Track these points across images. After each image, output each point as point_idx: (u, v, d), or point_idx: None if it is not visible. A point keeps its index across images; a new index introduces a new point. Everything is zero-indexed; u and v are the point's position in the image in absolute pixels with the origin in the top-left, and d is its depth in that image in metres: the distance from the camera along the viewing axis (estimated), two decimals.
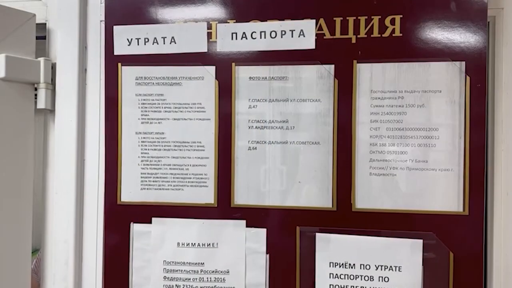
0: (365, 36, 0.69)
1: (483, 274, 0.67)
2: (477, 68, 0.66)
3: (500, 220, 0.67)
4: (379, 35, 0.69)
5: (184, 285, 0.73)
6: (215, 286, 0.73)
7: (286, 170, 0.72)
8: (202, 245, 0.73)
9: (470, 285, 0.67)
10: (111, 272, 0.75)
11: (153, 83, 0.75)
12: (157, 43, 0.75)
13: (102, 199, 0.76)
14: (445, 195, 0.67)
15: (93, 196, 0.76)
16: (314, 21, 0.70)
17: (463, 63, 0.67)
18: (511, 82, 0.67)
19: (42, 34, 0.78)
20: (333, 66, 0.70)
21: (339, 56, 0.70)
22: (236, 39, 0.73)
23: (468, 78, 0.67)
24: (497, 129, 0.68)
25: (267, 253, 0.72)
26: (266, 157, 0.72)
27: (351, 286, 0.69)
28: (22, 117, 0.74)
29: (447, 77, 0.67)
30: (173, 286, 0.74)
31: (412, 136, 0.68)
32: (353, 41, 0.69)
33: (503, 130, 0.67)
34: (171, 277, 0.74)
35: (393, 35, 0.68)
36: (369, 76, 0.69)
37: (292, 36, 0.71)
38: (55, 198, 0.77)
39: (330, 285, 0.70)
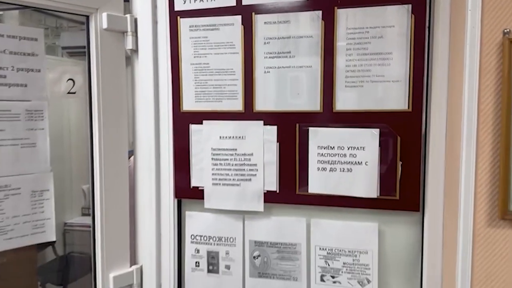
0: None
1: (420, 150, 0.99)
2: (420, 9, 0.95)
3: (435, 115, 0.97)
4: None
5: (224, 162, 1.12)
6: (244, 163, 1.11)
7: (289, 86, 1.06)
8: (235, 137, 1.11)
9: (411, 157, 0.99)
10: (179, 156, 1.15)
11: (200, 29, 1.10)
12: (202, 1, 1.09)
13: (171, 108, 1.15)
14: (396, 98, 0.99)
15: (165, 106, 1.15)
16: None
17: (410, 5, 0.96)
18: (444, 19, 0.95)
19: None
20: (321, 11, 1.01)
21: (325, 4, 1.01)
22: None
23: (413, 16, 0.96)
24: (436, 51, 0.96)
25: (277, 142, 1.08)
26: (276, 78, 1.06)
27: (332, 161, 1.04)
28: (117, 53, 1.14)
29: (398, 16, 0.97)
30: (217, 163, 1.13)
31: (374, 58, 0.99)
32: None
33: (439, 51, 0.96)
34: (216, 158, 1.13)
35: None
36: (345, 17, 1.00)
37: None
38: (141, 108, 1.17)
39: (318, 160, 1.05)
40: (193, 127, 1.14)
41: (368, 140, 1.01)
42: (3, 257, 1.09)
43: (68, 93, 1.26)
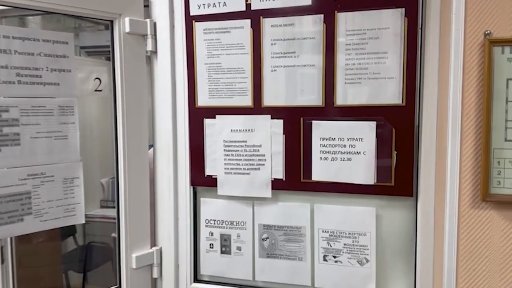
0: None
1: (413, 141, 1.08)
2: (412, 12, 1.04)
3: (427, 109, 1.07)
4: None
5: (235, 153, 1.23)
6: (253, 154, 1.22)
7: (294, 83, 1.16)
8: (245, 130, 1.22)
9: (405, 147, 1.09)
10: (194, 148, 1.27)
11: (213, 32, 1.21)
12: (215, 6, 1.20)
13: (187, 104, 1.26)
14: (391, 94, 1.09)
15: (181, 102, 1.27)
16: None
17: (403, 9, 1.05)
18: (435, 22, 1.04)
19: (146, 4, 1.28)
20: (322, 15, 1.12)
21: (326, 8, 1.11)
22: (263, 0, 1.16)
23: (406, 19, 1.05)
24: (427, 50, 1.05)
25: (283, 134, 1.19)
26: (282, 76, 1.17)
27: (333, 151, 1.14)
28: (139, 55, 1.25)
29: (393, 19, 1.06)
30: (229, 154, 1.24)
31: (371, 57, 1.09)
32: None
33: (430, 51, 1.05)
34: (228, 149, 1.24)
35: None
36: (345, 20, 1.10)
37: None
38: (160, 104, 1.29)
39: (320, 151, 1.16)
40: (207, 121, 1.25)
41: (366, 132, 1.11)
42: (39, 237, 1.21)
43: (96, 90, 1.39)
